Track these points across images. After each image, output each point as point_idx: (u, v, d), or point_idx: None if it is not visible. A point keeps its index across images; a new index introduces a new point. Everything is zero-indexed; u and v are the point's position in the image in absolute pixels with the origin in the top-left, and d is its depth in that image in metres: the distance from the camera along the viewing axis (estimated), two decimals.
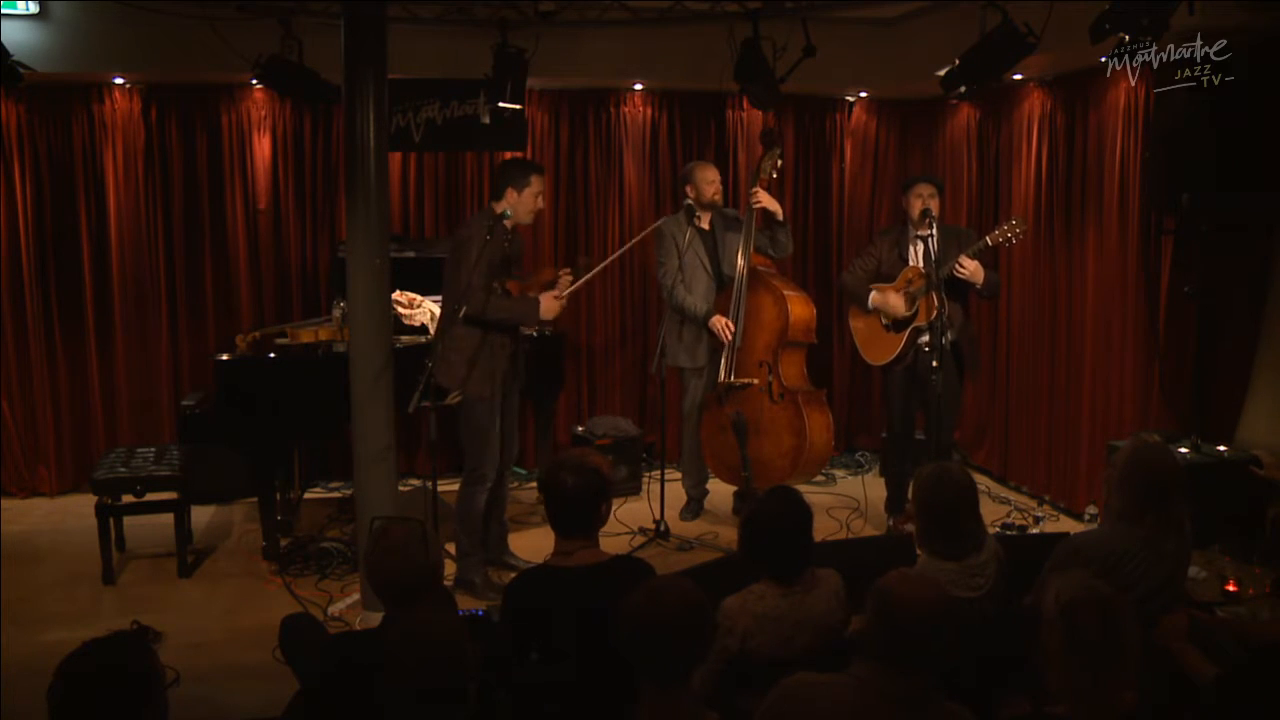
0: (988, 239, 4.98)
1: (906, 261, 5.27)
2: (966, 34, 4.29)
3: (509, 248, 4.71)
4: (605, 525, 2.94)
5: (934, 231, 5.08)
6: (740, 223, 5.54)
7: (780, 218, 5.50)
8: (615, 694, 2.37)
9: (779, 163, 5.53)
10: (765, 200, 5.44)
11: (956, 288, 5.14)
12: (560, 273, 4.93)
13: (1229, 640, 2.84)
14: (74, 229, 6.16)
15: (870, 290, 5.32)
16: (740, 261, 5.44)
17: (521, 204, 4.67)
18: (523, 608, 2.80)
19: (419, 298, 5.49)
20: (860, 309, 5.40)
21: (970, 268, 5.01)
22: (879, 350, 5.35)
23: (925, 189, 5.20)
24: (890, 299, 5.23)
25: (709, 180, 5.49)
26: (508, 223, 4.63)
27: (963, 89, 4.86)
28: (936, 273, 4.93)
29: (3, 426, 6.17)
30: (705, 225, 5.57)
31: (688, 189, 5.53)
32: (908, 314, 5.20)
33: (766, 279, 5.49)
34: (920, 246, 5.11)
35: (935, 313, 4.90)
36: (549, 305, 4.73)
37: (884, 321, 5.31)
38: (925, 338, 5.13)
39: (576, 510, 2.85)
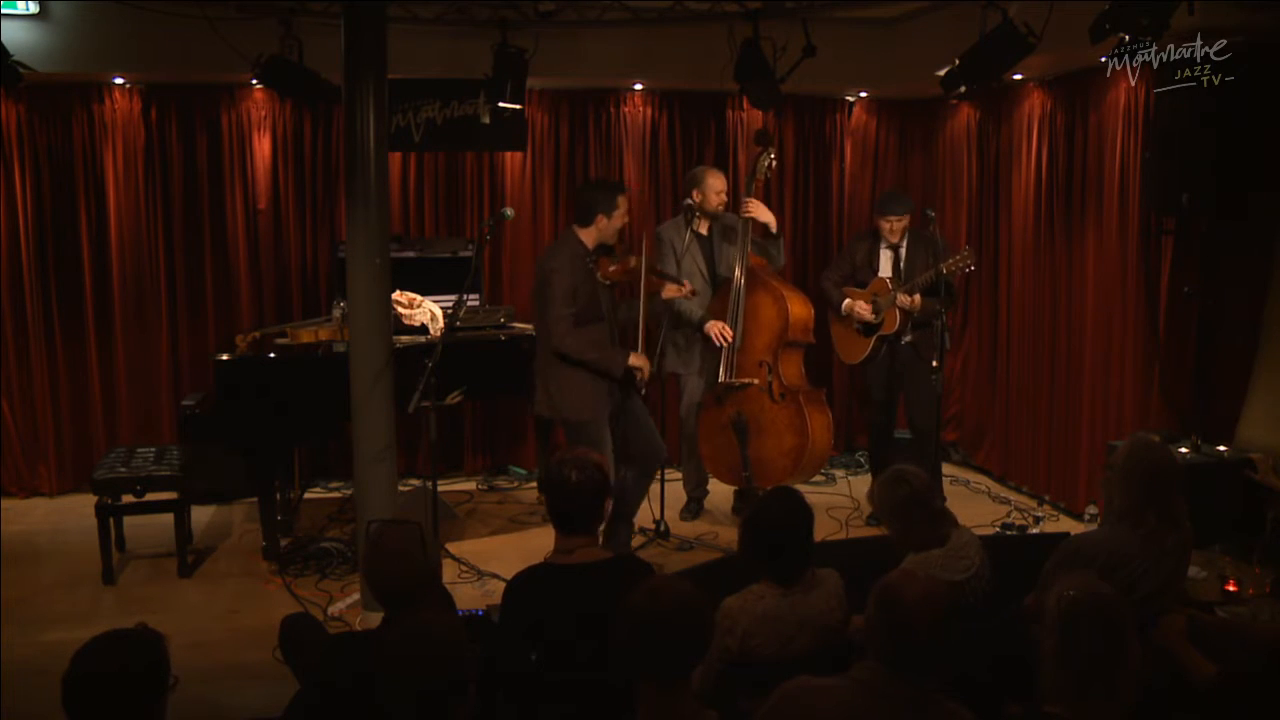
0: (943, 267, 5.15)
1: (876, 271, 5.55)
2: (966, 34, 4.28)
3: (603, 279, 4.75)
4: (604, 524, 2.95)
5: (904, 242, 5.48)
6: (736, 231, 5.51)
7: (774, 229, 5.48)
8: (615, 694, 2.37)
9: (772, 163, 5.50)
10: (756, 211, 5.41)
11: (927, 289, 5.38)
12: (644, 267, 4.84)
13: (1229, 640, 2.84)
14: (74, 229, 6.16)
15: (844, 297, 5.61)
16: (736, 272, 5.41)
17: (611, 227, 4.72)
18: (523, 606, 2.80)
19: (419, 298, 5.49)
20: (835, 313, 5.70)
21: (907, 303, 5.33)
22: (851, 351, 5.70)
23: (898, 222, 5.47)
24: (858, 307, 5.52)
25: (717, 190, 5.46)
26: (592, 266, 4.67)
27: (963, 89, 4.88)
28: (900, 285, 5.30)
29: (3, 426, 6.17)
30: (704, 231, 5.55)
31: (694, 193, 5.48)
32: (875, 321, 5.49)
33: (765, 279, 5.47)
34: (890, 255, 5.40)
35: (898, 325, 5.35)
36: (639, 360, 4.73)
37: (855, 325, 5.59)
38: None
39: (580, 506, 2.86)
